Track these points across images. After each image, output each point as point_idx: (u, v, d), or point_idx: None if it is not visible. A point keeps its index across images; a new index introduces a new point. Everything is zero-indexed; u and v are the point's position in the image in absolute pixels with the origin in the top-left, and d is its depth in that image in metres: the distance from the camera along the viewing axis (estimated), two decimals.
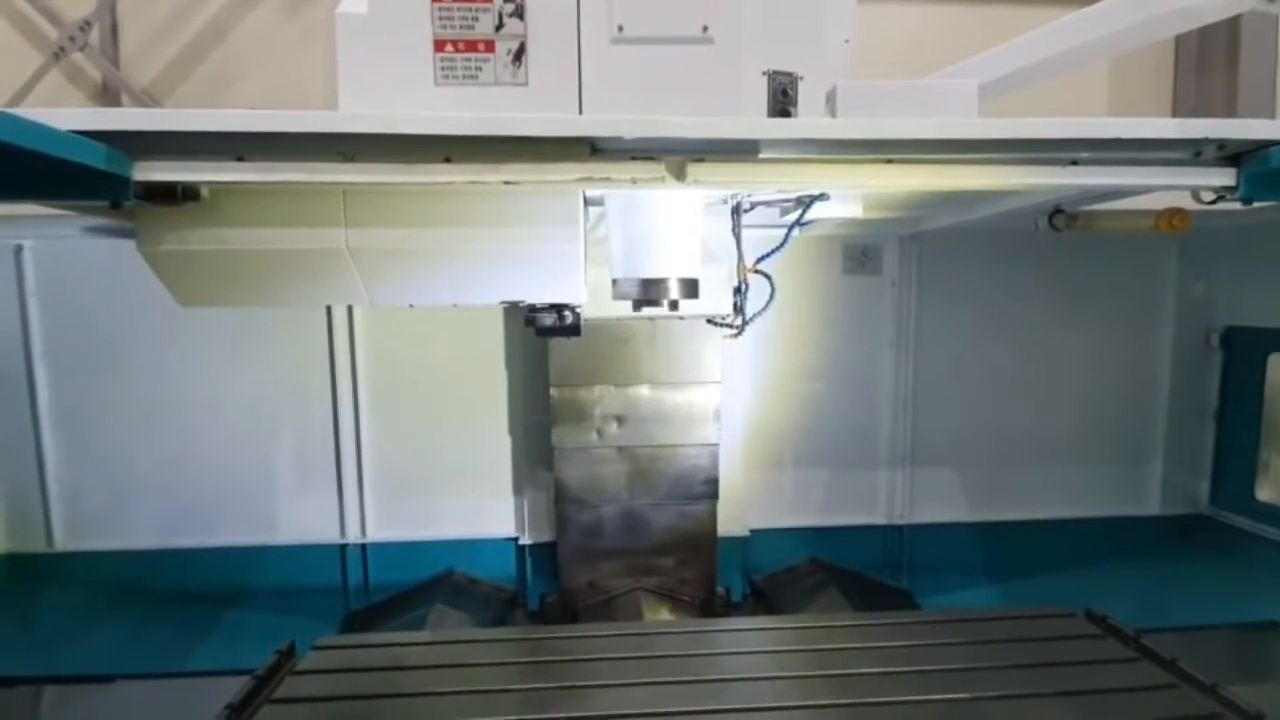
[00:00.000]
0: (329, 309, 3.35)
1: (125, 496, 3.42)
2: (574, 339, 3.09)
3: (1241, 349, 3.66)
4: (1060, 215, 2.66)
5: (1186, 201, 2.33)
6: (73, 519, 3.43)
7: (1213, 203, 2.00)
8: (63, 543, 3.43)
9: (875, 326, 3.60)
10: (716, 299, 2.76)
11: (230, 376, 3.39)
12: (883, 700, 1.82)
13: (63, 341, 3.32)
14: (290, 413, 3.43)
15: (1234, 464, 3.71)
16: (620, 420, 3.23)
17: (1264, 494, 3.59)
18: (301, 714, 1.84)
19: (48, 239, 3.22)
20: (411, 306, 3.16)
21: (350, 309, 3.36)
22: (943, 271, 3.58)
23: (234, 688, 1.90)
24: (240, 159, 1.58)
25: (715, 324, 2.99)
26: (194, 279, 1.95)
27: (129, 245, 1.92)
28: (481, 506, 3.54)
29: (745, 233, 2.67)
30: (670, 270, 2.01)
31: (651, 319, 3.12)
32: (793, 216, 2.39)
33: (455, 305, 2.75)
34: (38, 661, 2.91)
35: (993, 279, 3.61)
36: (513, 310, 3.38)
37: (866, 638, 2.16)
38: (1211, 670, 1.85)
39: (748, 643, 2.25)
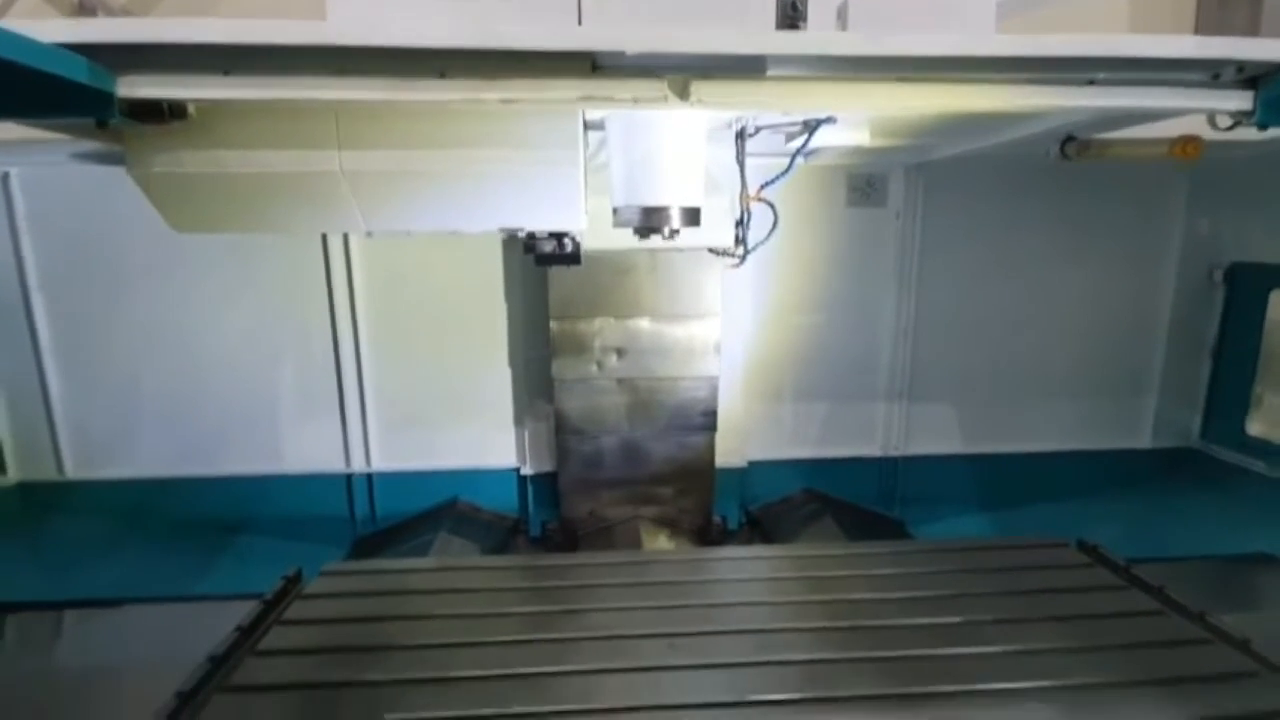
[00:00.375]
0: (324, 239, 3.31)
1: (131, 427, 3.46)
2: (574, 270, 3.08)
3: (1244, 285, 3.63)
4: (1072, 143, 2.59)
5: (1201, 129, 2.29)
6: (81, 448, 3.48)
7: (1229, 129, 1.96)
8: (73, 471, 3.49)
9: (878, 259, 3.56)
10: (718, 230, 2.72)
11: (228, 307, 3.38)
12: (876, 624, 1.87)
13: (58, 272, 3.29)
14: (290, 343, 3.44)
15: (1227, 399, 3.75)
16: (620, 352, 3.24)
17: (1255, 428, 3.64)
18: (310, 635, 1.89)
19: (35, 166, 3.14)
20: (409, 235, 3.13)
21: (346, 239, 3.32)
22: (948, 203, 3.52)
23: (243, 611, 1.96)
24: (226, 73, 1.52)
25: (717, 254, 2.96)
26: (186, 203, 1.90)
27: (119, 174, 1.88)
28: (483, 437, 3.59)
29: (748, 161, 2.61)
30: (672, 198, 1.96)
31: (652, 251, 3.08)
32: (798, 143, 2.32)
33: (453, 233, 2.70)
34: (54, 586, 3.02)
35: (998, 211, 3.56)
36: (512, 241, 3.34)
37: (860, 565, 2.20)
38: (1199, 599, 1.91)
39: (744, 570, 2.29)
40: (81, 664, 2.07)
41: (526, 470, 3.62)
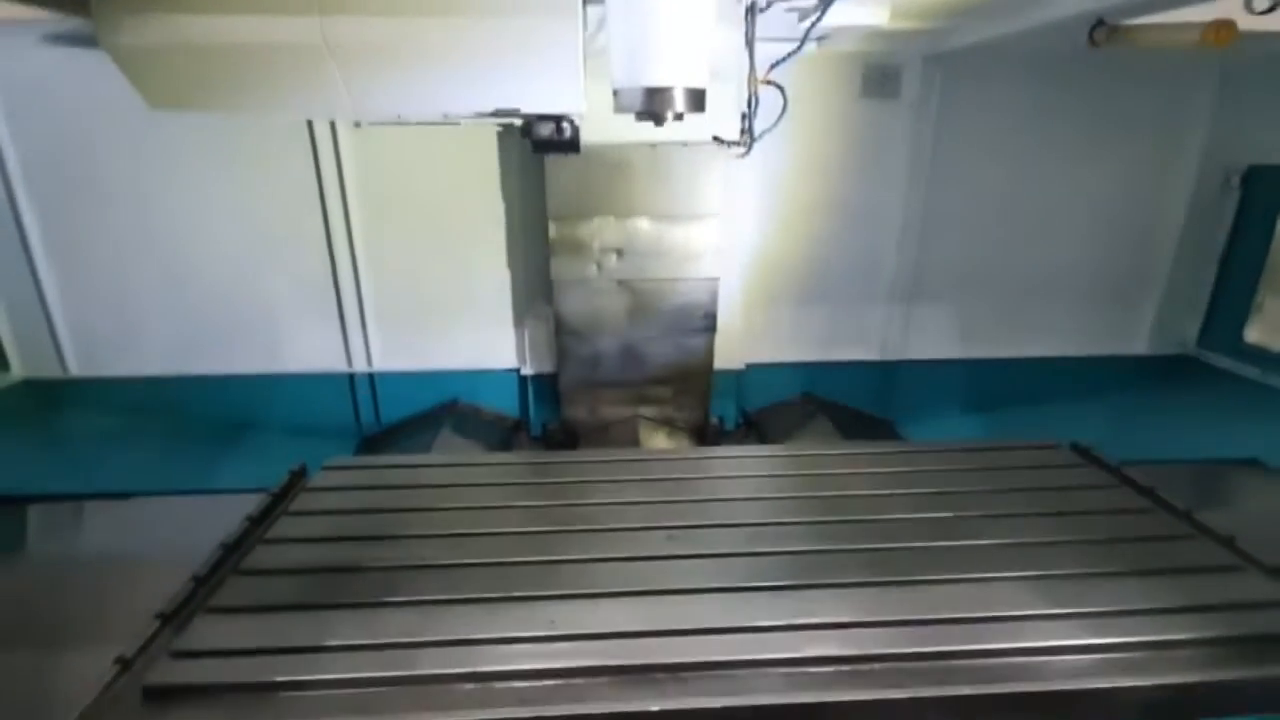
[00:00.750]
0: (311, 132, 3.17)
1: (131, 325, 3.46)
2: (572, 167, 2.99)
3: (1260, 190, 3.54)
4: (1101, 29, 2.45)
5: (1236, 12, 2.15)
6: (83, 346, 3.49)
7: (1266, 11, 1.83)
8: (77, 369, 3.52)
9: (889, 154, 3.43)
10: (723, 120, 2.59)
11: (216, 205, 3.29)
12: (868, 519, 1.91)
13: (42, 168, 3.19)
14: (283, 242, 3.37)
15: (1228, 306, 3.73)
16: (619, 253, 3.18)
17: (1253, 336, 3.65)
18: (316, 525, 1.94)
19: (10, 60, 2.96)
20: (400, 122, 2.98)
21: (334, 132, 3.17)
22: (965, 96, 3.36)
23: (252, 503, 2.02)
24: None
25: (721, 143, 2.83)
26: (162, 76, 1.80)
27: (100, 70, 1.75)
28: (483, 339, 3.59)
29: (757, 47, 2.45)
30: (676, 78, 1.85)
31: (653, 145, 2.96)
32: (811, 19, 2.17)
33: (446, 118, 2.55)
34: (69, 481, 3.09)
35: (1016, 105, 3.40)
36: (508, 136, 3.21)
37: (855, 464, 2.23)
38: (1187, 499, 1.94)
39: (740, 468, 2.32)
40: (97, 553, 2.13)
41: (527, 371, 3.65)
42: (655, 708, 1.31)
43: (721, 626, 1.48)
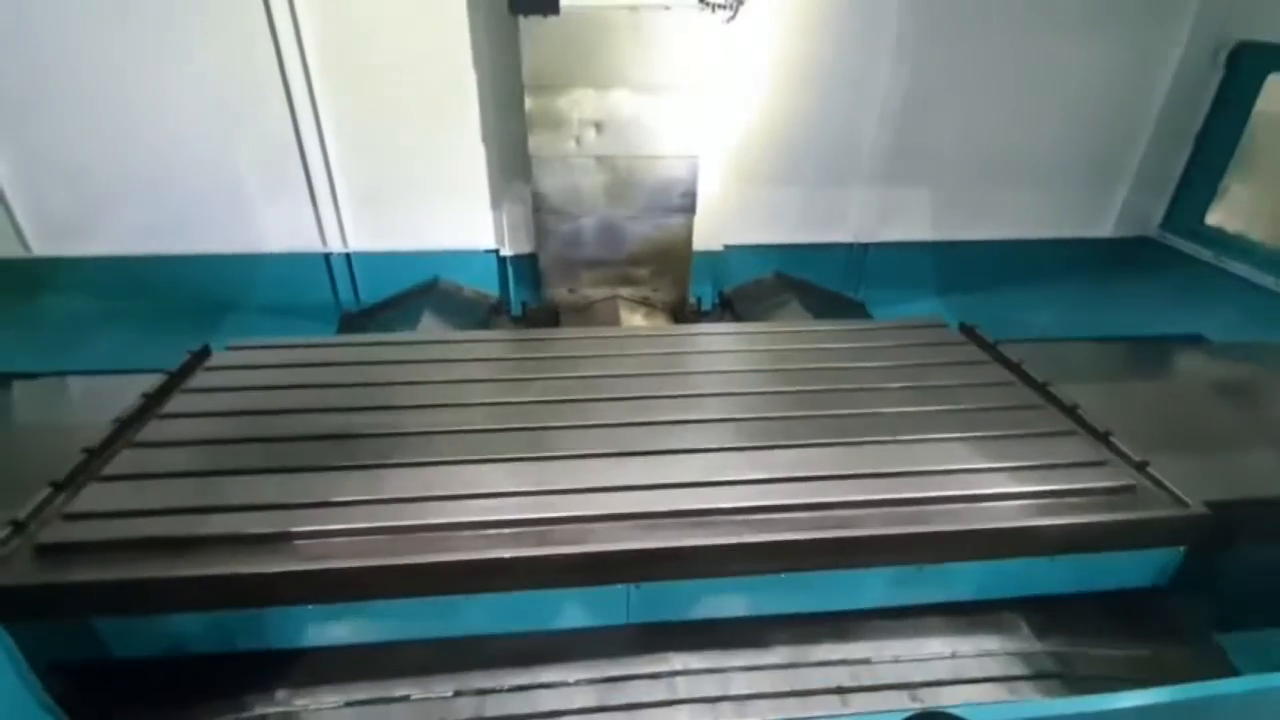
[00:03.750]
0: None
1: (91, 202, 3.33)
2: (551, 32, 2.85)
3: (1245, 68, 3.51)
4: None
5: None
6: (42, 224, 3.37)
7: None
8: (39, 248, 3.41)
9: (876, 27, 3.31)
10: None
11: (168, 73, 3.09)
12: (752, 391, 2.10)
13: None
14: (242, 113, 3.21)
15: (1195, 189, 3.81)
16: (599, 127, 3.10)
17: (1214, 219, 3.76)
18: (212, 401, 1.98)
19: None
20: None
21: None
22: None
23: (151, 382, 2.03)
24: None
25: (707, 6, 2.70)
26: None
27: None
28: (461, 218, 3.55)
29: None
30: None
31: (635, 8, 2.82)
32: None
33: None
34: (45, 362, 3.07)
35: None
36: None
37: (777, 341, 2.43)
38: (1052, 374, 2.14)
39: (656, 345, 2.41)
40: None
41: (506, 252, 3.64)
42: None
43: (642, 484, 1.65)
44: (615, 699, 1.55)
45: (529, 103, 3.04)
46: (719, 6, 2.68)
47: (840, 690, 1.59)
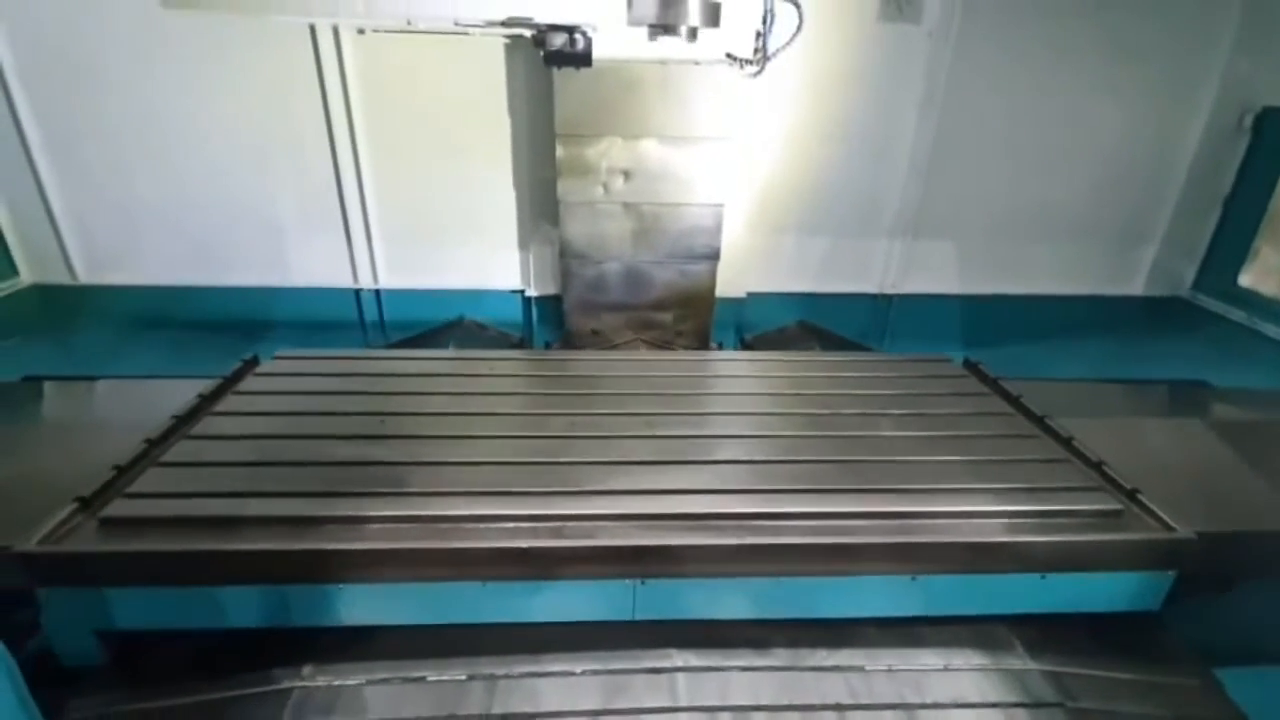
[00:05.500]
0: (314, 38, 3.10)
1: (137, 232, 3.47)
2: (582, 84, 2.95)
3: (1271, 133, 3.52)
4: None
5: None
6: (89, 253, 3.52)
7: None
8: (85, 276, 3.55)
9: (903, 82, 3.39)
10: (737, 39, 2.56)
11: (217, 112, 3.25)
12: (766, 412, 2.20)
13: (38, 69, 3.12)
14: (286, 153, 3.35)
15: (1227, 250, 3.77)
16: (627, 175, 3.18)
17: (1247, 280, 3.71)
18: (261, 402, 2.15)
19: None
20: (408, 29, 2.91)
21: (337, 39, 3.11)
22: (987, 23, 3.29)
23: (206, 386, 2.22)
24: None
25: (734, 61, 2.78)
26: None
27: None
28: (488, 259, 3.63)
29: None
30: None
31: (664, 63, 2.92)
32: None
33: (457, 23, 2.50)
34: None
35: (1038, 35, 3.34)
36: (515, 48, 3.15)
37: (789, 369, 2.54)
38: (1052, 409, 2.18)
39: (684, 369, 2.56)
40: (64, 422, 2.34)
41: (531, 292, 3.70)
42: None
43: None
44: (619, 690, 1.63)
45: (560, 150, 3.14)
46: (746, 62, 2.76)
47: (839, 707, 1.62)
